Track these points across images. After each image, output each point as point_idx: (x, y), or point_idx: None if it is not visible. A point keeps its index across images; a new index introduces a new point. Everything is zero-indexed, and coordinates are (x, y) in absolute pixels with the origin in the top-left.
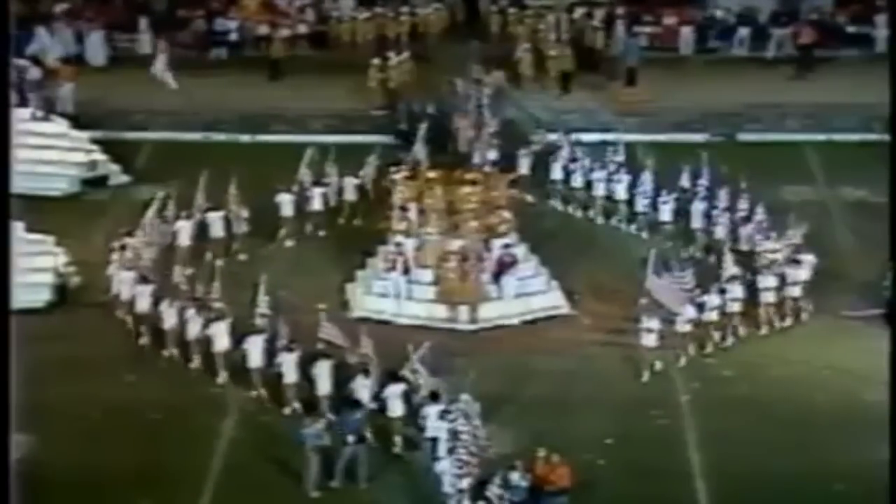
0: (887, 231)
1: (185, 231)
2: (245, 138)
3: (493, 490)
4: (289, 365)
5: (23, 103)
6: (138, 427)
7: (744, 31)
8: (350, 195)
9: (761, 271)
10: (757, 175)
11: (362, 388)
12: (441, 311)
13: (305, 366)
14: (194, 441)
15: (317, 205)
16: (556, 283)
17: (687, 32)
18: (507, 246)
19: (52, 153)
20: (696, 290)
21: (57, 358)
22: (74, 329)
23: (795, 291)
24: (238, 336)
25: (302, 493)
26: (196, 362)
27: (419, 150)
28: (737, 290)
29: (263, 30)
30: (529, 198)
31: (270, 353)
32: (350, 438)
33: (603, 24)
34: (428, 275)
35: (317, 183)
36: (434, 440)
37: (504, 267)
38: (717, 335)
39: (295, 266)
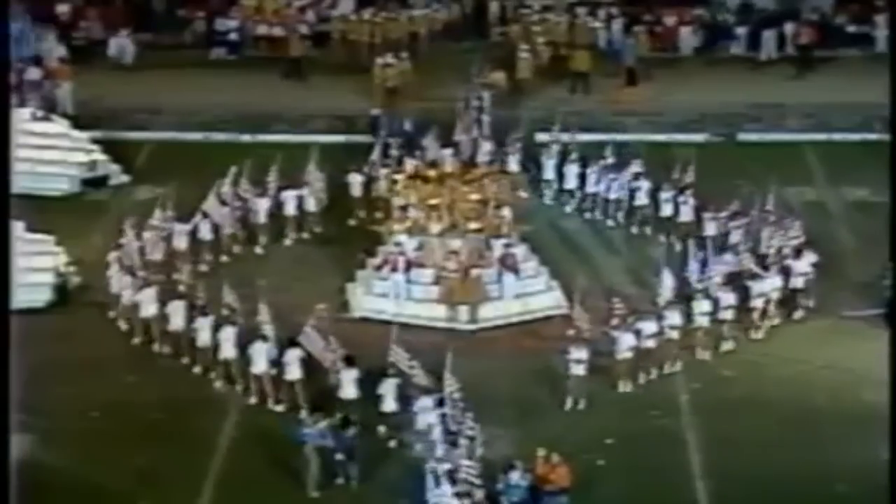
0: (887, 231)
1: (262, 208)
2: (246, 138)
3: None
4: (203, 328)
5: (22, 103)
6: (138, 427)
7: (741, 31)
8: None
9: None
10: (757, 175)
11: (258, 354)
12: (441, 311)
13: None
14: (194, 441)
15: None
16: (556, 283)
17: (687, 32)
18: (507, 246)
19: (52, 153)
20: (630, 316)
21: (57, 358)
22: (74, 329)
23: (799, 283)
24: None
25: (301, 493)
26: (199, 364)
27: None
28: (675, 317)
29: (262, 29)
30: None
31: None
32: (339, 456)
33: (604, 24)
34: (428, 275)
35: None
36: (347, 403)
37: (504, 267)
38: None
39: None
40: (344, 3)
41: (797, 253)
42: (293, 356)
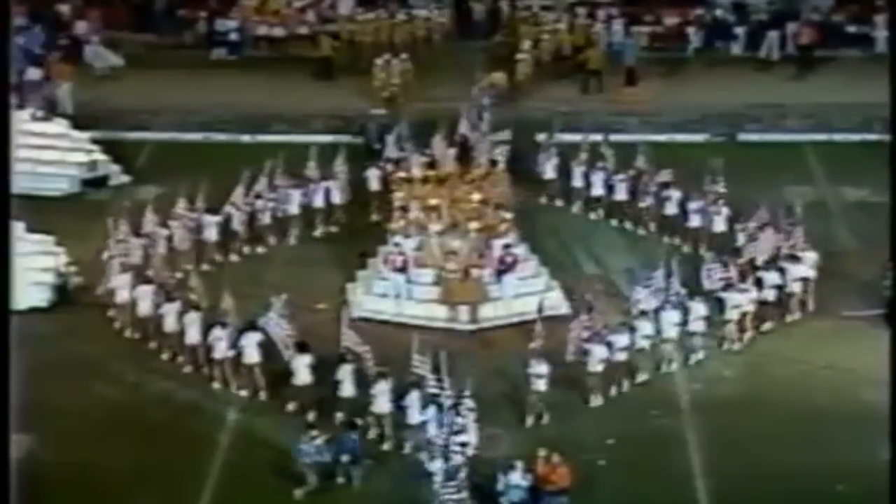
0: (887, 231)
1: (294, 199)
2: (246, 138)
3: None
4: (170, 314)
5: (22, 104)
6: (138, 427)
7: (740, 31)
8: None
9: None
10: (757, 175)
11: (217, 340)
12: (441, 311)
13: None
14: (194, 441)
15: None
16: (556, 283)
17: (688, 32)
18: (507, 246)
19: (52, 153)
20: (603, 329)
21: (57, 358)
22: (74, 329)
23: (796, 287)
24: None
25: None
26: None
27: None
28: (646, 328)
29: (263, 29)
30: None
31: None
32: (344, 458)
33: (605, 24)
34: (428, 275)
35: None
36: (303, 388)
37: (504, 267)
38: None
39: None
40: (344, 3)
41: (768, 264)
42: (251, 340)
